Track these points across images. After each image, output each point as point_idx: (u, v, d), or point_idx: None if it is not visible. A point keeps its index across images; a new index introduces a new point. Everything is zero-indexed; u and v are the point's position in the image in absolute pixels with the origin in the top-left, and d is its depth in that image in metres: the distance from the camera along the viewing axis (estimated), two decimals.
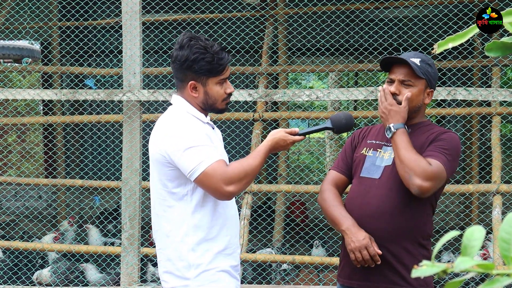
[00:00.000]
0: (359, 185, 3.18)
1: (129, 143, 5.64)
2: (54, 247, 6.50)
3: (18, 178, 7.49)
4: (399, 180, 3.03)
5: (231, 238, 2.99)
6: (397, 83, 3.10)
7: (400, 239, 3.04)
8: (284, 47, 7.98)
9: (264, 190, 6.60)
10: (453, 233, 1.21)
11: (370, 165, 3.15)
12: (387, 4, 7.63)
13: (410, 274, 3.00)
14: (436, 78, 3.14)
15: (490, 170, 6.25)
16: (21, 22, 8.39)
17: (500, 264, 5.46)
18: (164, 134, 2.90)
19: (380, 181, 3.09)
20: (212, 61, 2.91)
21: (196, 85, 2.95)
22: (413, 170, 2.91)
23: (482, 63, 6.98)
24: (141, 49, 5.64)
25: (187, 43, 2.93)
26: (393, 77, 3.12)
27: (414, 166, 2.92)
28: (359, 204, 3.13)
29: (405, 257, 3.04)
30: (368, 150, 3.20)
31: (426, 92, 3.12)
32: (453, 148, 3.03)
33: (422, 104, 3.13)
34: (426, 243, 3.10)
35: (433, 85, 3.13)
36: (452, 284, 1.15)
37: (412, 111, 3.11)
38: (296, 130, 3.03)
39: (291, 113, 7.30)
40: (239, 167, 2.87)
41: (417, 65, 3.07)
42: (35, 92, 6.16)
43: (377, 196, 3.08)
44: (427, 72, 3.08)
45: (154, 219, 3.03)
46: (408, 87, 3.09)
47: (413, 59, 3.10)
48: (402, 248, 3.05)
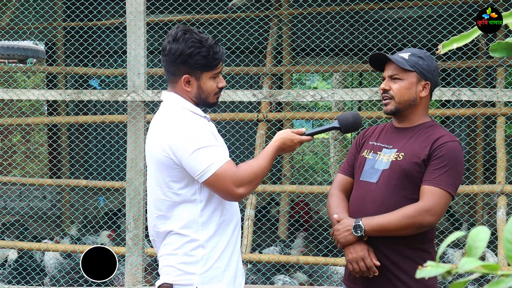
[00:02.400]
0: (358, 189, 3.17)
1: (133, 143, 5.65)
2: (58, 247, 6.50)
3: (22, 178, 7.49)
4: (395, 185, 3.03)
5: (238, 235, 2.98)
6: (387, 79, 3.12)
7: (397, 245, 3.03)
8: (289, 47, 7.97)
9: (269, 191, 6.60)
10: (458, 234, 1.21)
11: (369, 168, 3.14)
12: (392, 5, 7.62)
13: (410, 279, 3.01)
14: (431, 71, 3.10)
15: (494, 170, 6.24)
16: (26, 22, 8.40)
17: (505, 265, 5.45)
18: (167, 133, 2.84)
19: (377, 185, 3.08)
20: (208, 55, 2.86)
21: (190, 79, 2.90)
22: (416, 221, 2.95)
23: (487, 63, 6.96)
24: (145, 49, 5.65)
25: (182, 36, 2.86)
26: (384, 74, 3.15)
27: (412, 219, 2.95)
28: (357, 208, 3.12)
29: (403, 263, 3.03)
30: (368, 152, 3.19)
31: (421, 85, 3.09)
32: (453, 160, 2.99)
33: (418, 97, 3.10)
34: (427, 246, 3.08)
35: (429, 77, 3.10)
36: (457, 285, 1.14)
37: (407, 105, 3.10)
38: (303, 130, 3.01)
39: (295, 114, 7.29)
40: (249, 169, 2.84)
41: (405, 59, 3.07)
42: (40, 92, 6.17)
43: (374, 200, 3.07)
44: (416, 64, 3.06)
45: (156, 219, 2.96)
46: (397, 81, 3.09)
47: (402, 54, 3.11)
48: (400, 254, 3.03)
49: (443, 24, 7.22)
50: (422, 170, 3.02)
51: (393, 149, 3.11)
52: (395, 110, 3.12)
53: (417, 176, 3.02)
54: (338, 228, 3.07)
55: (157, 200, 2.94)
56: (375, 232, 2.99)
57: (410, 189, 3.03)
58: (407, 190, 3.03)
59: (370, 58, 3.17)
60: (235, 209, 2.99)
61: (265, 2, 8.80)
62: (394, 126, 3.20)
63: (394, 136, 3.17)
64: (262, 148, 6.33)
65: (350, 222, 3.04)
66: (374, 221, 2.98)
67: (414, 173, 3.02)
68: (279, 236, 7.36)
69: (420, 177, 3.01)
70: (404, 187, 3.03)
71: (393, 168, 3.05)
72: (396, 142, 3.13)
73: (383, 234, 2.99)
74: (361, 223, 2.99)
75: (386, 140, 3.17)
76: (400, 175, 3.03)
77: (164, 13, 8.59)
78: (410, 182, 3.03)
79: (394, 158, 3.07)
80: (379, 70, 3.20)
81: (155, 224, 2.98)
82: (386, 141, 3.17)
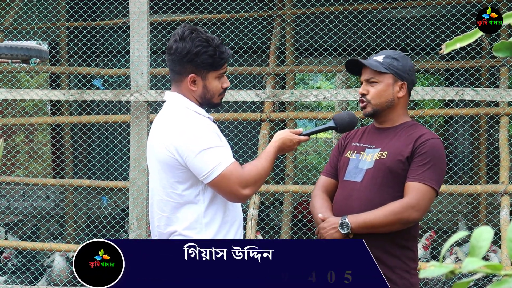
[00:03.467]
0: (343, 188, 3.21)
1: (136, 143, 5.65)
2: (61, 247, 6.50)
3: (26, 178, 7.50)
4: (380, 183, 3.07)
5: (241, 236, 2.98)
6: (364, 84, 3.18)
7: (381, 242, 3.06)
8: (292, 47, 7.97)
9: (272, 191, 6.60)
10: (461, 234, 1.21)
11: (353, 168, 3.18)
12: (395, 4, 7.61)
13: (395, 275, 3.06)
14: (406, 70, 3.15)
15: (498, 170, 6.23)
16: (29, 22, 8.41)
17: (508, 265, 5.45)
18: (172, 134, 2.84)
19: (362, 184, 3.12)
20: (214, 55, 2.87)
21: (195, 79, 2.90)
22: (402, 217, 2.99)
23: (490, 63, 6.95)
24: (148, 49, 5.65)
25: (189, 35, 2.86)
26: (361, 78, 3.21)
27: (398, 215, 3.00)
28: (342, 208, 3.15)
29: (388, 259, 3.06)
30: (352, 153, 3.23)
31: (398, 85, 3.15)
32: (435, 157, 3.05)
33: (395, 98, 3.15)
34: (411, 244, 3.13)
35: (404, 77, 3.15)
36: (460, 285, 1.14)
37: (385, 106, 3.15)
38: (300, 130, 3.05)
39: (298, 114, 7.29)
40: (254, 169, 2.85)
41: (379, 61, 3.13)
42: (43, 92, 6.17)
43: (359, 199, 3.10)
44: (391, 66, 3.12)
45: (159, 220, 2.96)
46: (373, 85, 3.14)
47: (376, 57, 3.17)
48: (384, 251, 3.06)
49: (447, 24, 7.21)
50: (406, 168, 3.07)
51: (376, 148, 3.16)
52: (373, 112, 3.18)
53: (401, 174, 3.07)
54: (324, 226, 3.10)
55: (161, 201, 2.93)
56: (361, 229, 3.01)
57: (395, 187, 3.08)
58: (392, 187, 3.08)
59: (346, 64, 3.24)
60: (237, 210, 3.00)
61: (268, 2, 8.79)
62: (376, 127, 3.26)
63: (376, 136, 3.22)
64: (265, 148, 6.33)
65: (336, 220, 3.08)
66: (361, 218, 3.01)
67: (399, 170, 3.07)
68: (282, 236, 7.36)
69: (404, 174, 3.07)
70: (388, 185, 3.08)
71: (377, 167, 3.10)
72: (379, 142, 3.18)
73: (369, 230, 3.01)
74: (347, 220, 3.02)
75: (369, 140, 3.22)
76: (385, 173, 3.08)
77: (168, 13, 8.59)
78: (395, 179, 3.07)
79: (378, 157, 3.12)
80: (357, 75, 3.25)
81: (159, 224, 2.97)
82: (369, 141, 3.22)
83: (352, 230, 3.02)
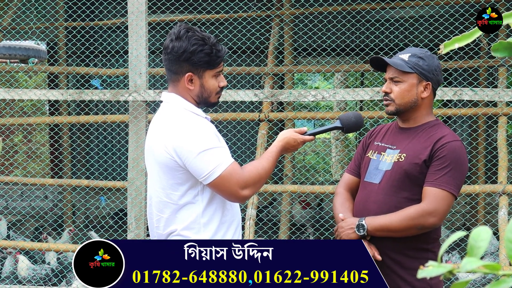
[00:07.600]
0: (362, 189, 3.19)
1: (135, 143, 5.65)
2: (59, 247, 6.50)
3: (24, 178, 7.49)
4: (397, 185, 3.04)
5: (239, 236, 2.98)
6: (388, 82, 3.13)
7: (400, 246, 3.03)
8: (290, 47, 7.97)
9: (270, 191, 6.60)
10: (459, 234, 1.21)
11: (373, 169, 3.15)
12: (393, 5, 7.61)
13: (413, 278, 3.00)
14: (432, 70, 3.09)
15: (496, 170, 6.23)
16: (28, 22, 8.40)
17: (506, 265, 5.45)
18: (171, 135, 2.83)
19: (380, 187, 3.09)
20: (211, 53, 2.86)
21: (192, 77, 2.89)
22: (418, 223, 2.97)
23: (489, 63, 6.96)
24: (147, 49, 5.65)
25: (185, 34, 2.86)
26: (385, 76, 3.16)
27: (414, 220, 2.97)
28: (360, 209, 3.14)
29: (406, 261, 3.03)
30: (373, 153, 3.19)
31: (422, 86, 3.09)
32: (455, 160, 2.99)
33: (419, 98, 3.10)
34: (432, 246, 3.08)
35: (429, 78, 3.09)
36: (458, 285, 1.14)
37: (408, 107, 3.10)
38: (304, 129, 3.02)
39: (297, 114, 7.29)
40: (254, 170, 2.85)
41: (404, 60, 3.07)
42: (41, 92, 6.17)
43: (376, 201, 3.08)
44: (416, 65, 3.06)
45: (158, 220, 2.95)
46: (397, 84, 3.09)
47: (402, 55, 3.11)
48: (403, 254, 3.04)
49: (445, 24, 7.21)
50: (423, 171, 3.02)
51: (396, 149, 3.11)
52: (395, 111, 3.13)
53: (418, 177, 3.02)
54: (342, 226, 3.09)
55: (160, 203, 2.93)
56: (377, 232, 3.00)
57: (412, 190, 3.03)
58: (408, 191, 3.03)
59: (370, 61, 3.18)
60: (236, 210, 2.99)
61: (267, 2, 8.79)
62: (399, 126, 3.21)
63: (398, 136, 3.17)
64: (263, 148, 6.33)
65: (354, 221, 3.06)
66: (377, 221, 3.00)
67: (416, 173, 3.02)
68: (280, 236, 7.36)
69: (422, 177, 3.01)
70: (405, 188, 3.03)
71: (395, 169, 3.06)
72: (399, 143, 3.13)
73: (385, 234, 2.99)
74: (364, 222, 3.01)
75: (391, 140, 3.17)
76: (401, 176, 3.04)
77: (166, 13, 8.59)
78: (412, 183, 3.03)
79: (396, 159, 3.08)
80: (381, 71, 3.20)
81: (157, 226, 2.96)
82: (390, 141, 3.17)
83: (368, 233, 3.01)
